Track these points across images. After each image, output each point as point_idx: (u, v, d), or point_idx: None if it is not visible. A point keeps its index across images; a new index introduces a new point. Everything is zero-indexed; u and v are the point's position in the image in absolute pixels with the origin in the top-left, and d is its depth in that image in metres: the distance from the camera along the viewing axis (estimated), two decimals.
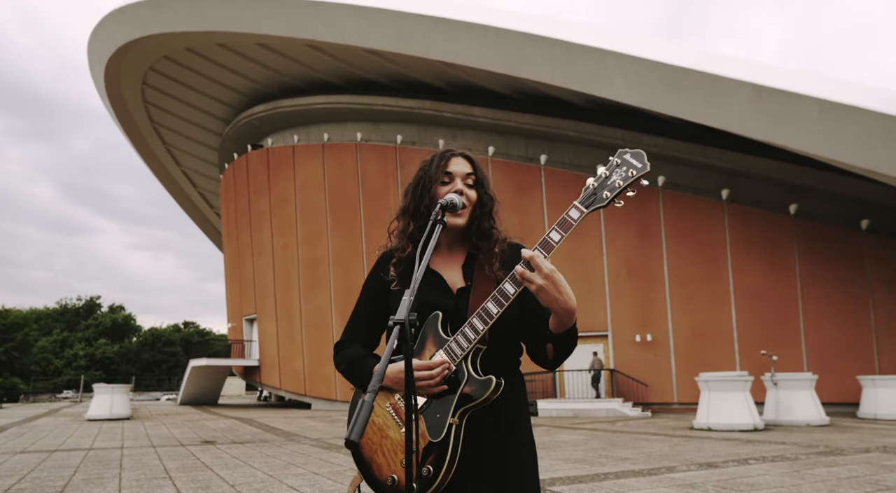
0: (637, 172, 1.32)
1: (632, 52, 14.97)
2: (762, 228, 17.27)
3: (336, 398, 23.60)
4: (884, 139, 12.86)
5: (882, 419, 12.90)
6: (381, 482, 1.34)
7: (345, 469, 6.87)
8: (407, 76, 21.69)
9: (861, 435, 9.60)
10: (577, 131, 19.72)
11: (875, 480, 5.45)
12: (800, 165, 16.51)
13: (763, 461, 6.84)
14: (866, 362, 15.92)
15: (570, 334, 1.36)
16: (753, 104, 14.10)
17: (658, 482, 5.50)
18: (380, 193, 22.82)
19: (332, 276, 24.11)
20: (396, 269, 1.51)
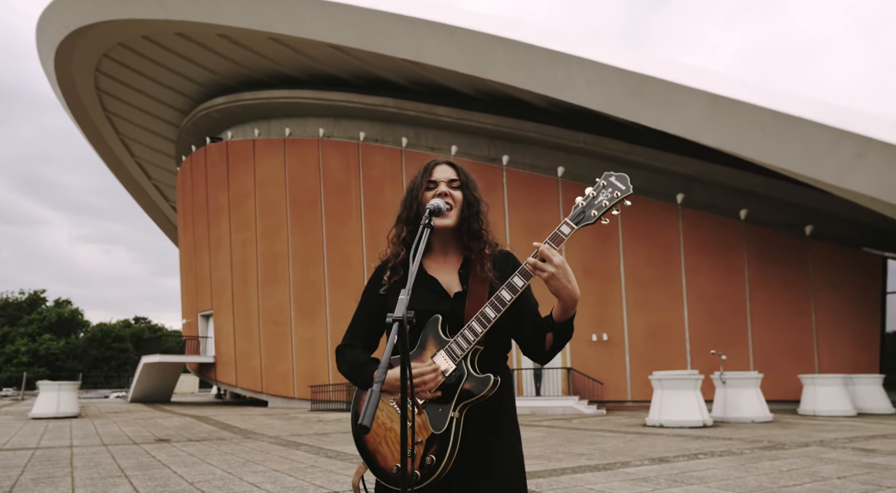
0: (621, 193, 1.47)
1: (595, 58, 15.29)
2: (714, 232, 17.88)
3: (293, 396, 23.37)
4: (827, 150, 13.50)
5: (820, 416, 13.56)
6: (386, 471, 1.46)
7: (305, 466, 6.87)
8: (370, 73, 21.62)
9: (801, 431, 10.08)
10: (539, 133, 20.01)
11: (813, 472, 5.77)
12: (750, 173, 17.15)
13: (711, 455, 7.14)
14: (807, 361, 16.69)
15: (569, 323, 1.50)
16: (708, 112, 14.60)
17: (613, 476, 5.69)
18: (341, 190, 22.70)
19: (292, 272, 23.86)
20: (393, 274, 1.62)
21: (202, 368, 28.88)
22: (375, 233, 21.73)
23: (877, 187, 13.32)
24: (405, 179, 21.46)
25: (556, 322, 1.51)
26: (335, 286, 22.58)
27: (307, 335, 23.12)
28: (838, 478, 5.43)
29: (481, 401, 1.45)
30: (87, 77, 26.33)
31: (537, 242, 1.44)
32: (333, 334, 22.34)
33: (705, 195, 18.43)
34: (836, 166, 13.56)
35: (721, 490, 4.89)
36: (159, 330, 67.54)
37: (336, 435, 10.89)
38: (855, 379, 14.94)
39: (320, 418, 16.49)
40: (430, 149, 21.43)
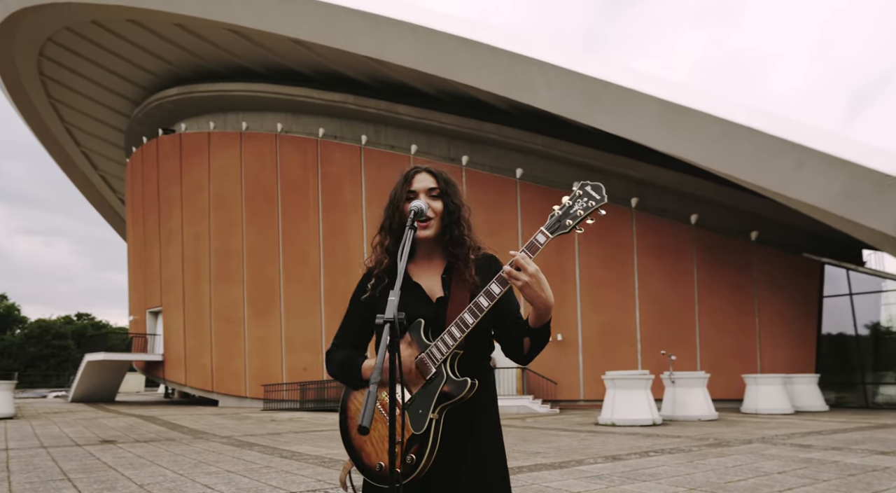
0: (596, 203, 1.52)
1: (555, 62, 15.53)
2: (666, 235, 18.40)
3: (245, 395, 22.94)
4: (770, 158, 14.08)
5: (762, 414, 14.14)
6: (370, 468, 1.51)
7: (260, 467, 6.78)
8: (331, 69, 21.40)
9: (744, 428, 10.50)
10: (498, 135, 20.19)
11: (756, 467, 6.03)
12: (701, 179, 17.72)
13: (661, 453, 7.37)
14: (750, 362, 17.36)
15: (545, 328, 1.56)
16: (661, 119, 15.01)
17: (569, 474, 5.82)
18: (299, 186, 22.40)
19: (246, 268, 23.41)
20: (378, 283, 1.65)
21: (149, 366, 28.04)
22: (333, 231, 21.53)
23: (816, 196, 13.96)
24: (364, 177, 21.33)
25: (531, 328, 1.56)
26: (291, 284, 22.28)
27: (261, 334, 22.74)
28: (779, 473, 5.69)
29: (460, 403, 1.49)
30: (29, 61, 25.20)
31: (514, 250, 1.48)
32: (288, 333, 22.04)
33: (658, 200, 18.94)
34: (778, 174, 14.15)
35: (672, 486, 5.06)
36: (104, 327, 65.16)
37: (290, 435, 10.76)
38: (793, 379, 15.63)
39: (273, 417, 16.25)
40: (389, 147, 21.36)
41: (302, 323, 21.64)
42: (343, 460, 7.21)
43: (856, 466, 6.11)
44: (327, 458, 7.45)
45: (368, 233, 20.91)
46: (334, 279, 21.21)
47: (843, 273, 17.72)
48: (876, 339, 18.68)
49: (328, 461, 7.13)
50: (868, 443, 8.08)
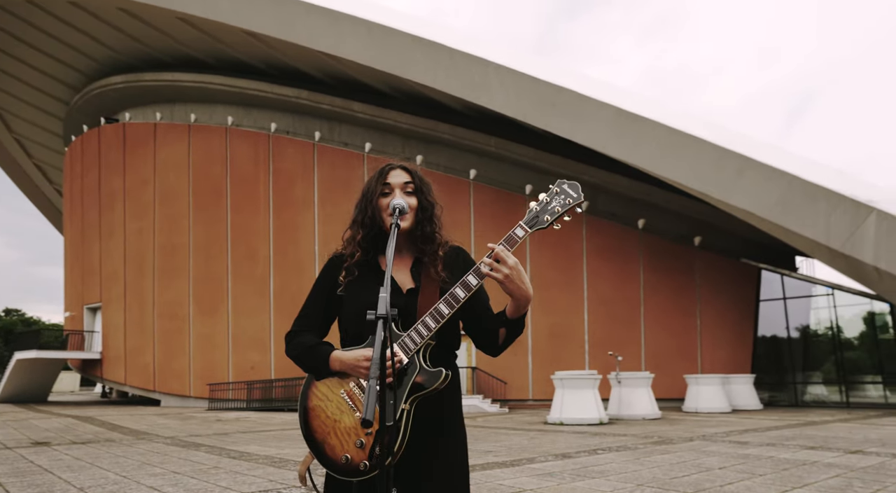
0: (573, 200, 1.56)
1: (512, 66, 15.71)
2: (615, 239, 18.88)
3: (189, 394, 22.30)
4: (713, 167, 14.66)
5: (702, 412, 14.70)
6: (335, 461, 1.49)
7: (208, 468, 6.62)
8: (285, 63, 21.04)
9: (686, 426, 10.90)
10: (453, 136, 20.28)
11: (698, 464, 6.28)
12: (649, 184, 18.27)
13: (609, 451, 7.58)
14: (691, 362, 18.02)
15: (522, 320, 1.60)
16: (614, 126, 15.41)
17: (521, 472, 5.92)
18: (249, 181, 21.92)
19: (192, 264, 22.75)
20: (348, 275, 1.64)
21: (86, 364, 26.90)
22: (284, 228, 21.17)
23: (754, 204, 14.61)
24: (317, 174, 21.07)
25: (508, 319, 1.60)
26: (239, 281, 21.78)
27: (206, 331, 22.14)
28: (719, 468, 5.94)
29: (431, 394, 1.50)
30: None
31: (492, 243, 1.50)
32: (235, 331, 21.54)
33: (608, 204, 19.42)
34: (721, 183, 14.74)
35: (621, 483, 5.22)
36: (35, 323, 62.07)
37: (237, 435, 10.54)
38: (731, 379, 16.31)
39: (219, 417, 15.87)
40: (343, 144, 21.17)
41: (250, 321, 21.20)
42: (294, 459, 7.12)
43: (789, 461, 6.45)
44: (277, 458, 7.34)
45: (321, 230, 20.65)
46: (285, 277, 20.87)
47: (778, 278, 18.60)
48: (805, 341, 19.69)
49: (278, 461, 7.03)
50: (798, 439, 8.52)
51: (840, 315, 18.72)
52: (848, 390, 18.37)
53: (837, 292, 18.30)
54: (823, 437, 8.87)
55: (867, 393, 18.71)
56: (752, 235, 17.64)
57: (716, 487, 4.99)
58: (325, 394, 1.55)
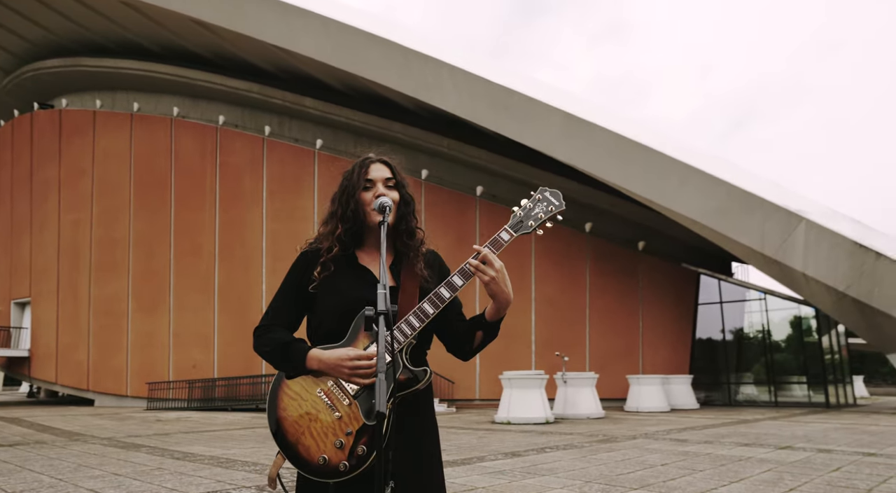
0: (555, 208, 1.61)
1: (466, 68, 15.83)
2: (562, 242, 19.28)
3: (126, 394, 21.46)
4: (660, 175, 15.18)
5: (643, 412, 15.20)
6: (310, 462, 1.44)
7: (150, 469, 6.42)
8: (235, 55, 20.55)
9: (629, 425, 11.26)
10: (405, 135, 20.27)
11: (642, 461, 6.51)
12: (596, 189, 18.75)
13: (556, 449, 7.76)
14: (633, 363, 18.59)
15: (499, 323, 1.60)
16: (564, 130, 15.75)
17: (472, 470, 6.00)
18: (195, 174, 21.28)
19: (132, 259, 21.92)
20: (324, 270, 1.59)
21: (12, 362, 25.51)
22: (231, 223, 20.66)
23: (696, 211, 15.22)
24: (266, 169, 20.66)
25: (488, 322, 1.60)
26: (182, 277, 21.12)
27: (146, 328, 21.37)
28: (662, 465, 6.18)
29: (411, 393, 1.51)
30: None
31: (477, 246, 1.52)
32: (177, 328, 20.87)
33: None
34: (665, 190, 15.28)
35: (569, 480, 5.36)
36: None
37: (179, 436, 10.24)
38: (670, 379, 16.92)
39: (159, 417, 15.36)
40: (294, 140, 20.84)
41: (193, 318, 20.58)
42: (241, 460, 6.98)
43: (725, 457, 6.76)
44: (224, 458, 7.19)
45: (269, 227, 20.26)
46: (230, 273, 20.36)
47: (716, 283, 19.42)
48: (739, 343, 20.64)
49: (224, 462, 6.88)
50: (733, 437, 8.95)
51: (771, 319, 19.71)
52: (776, 389, 19.34)
53: (769, 297, 19.25)
54: (756, 434, 9.34)
55: (793, 393, 19.76)
56: (692, 240, 18.34)
57: (659, 483, 5.20)
58: (299, 393, 1.50)
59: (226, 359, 19.85)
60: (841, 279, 14.74)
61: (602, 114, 16.26)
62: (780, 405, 18.22)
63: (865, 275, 14.61)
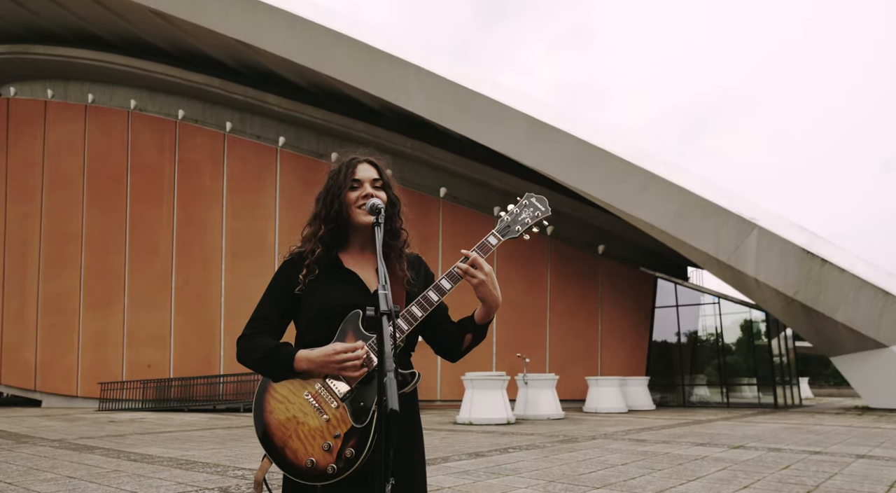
0: (541, 214, 1.66)
1: (433, 69, 15.87)
2: (524, 245, 19.37)
3: (76, 394, 20.73)
4: (621, 180, 15.52)
5: (601, 412, 15.50)
6: (297, 466, 1.43)
7: (107, 471, 6.24)
8: (195, 48, 20.11)
9: (588, 426, 11.47)
10: (369, 134, 20.19)
11: (602, 460, 6.66)
12: (558, 193, 19.02)
13: (519, 449, 7.86)
14: (592, 365, 18.94)
15: (487, 325, 1.64)
16: (529, 135, 15.94)
17: (437, 471, 6.03)
18: (153, 169, 20.72)
19: (85, 255, 21.20)
20: (309, 273, 1.58)
21: None
22: (190, 220, 20.20)
23: (655, 217, 15.62)
24: (227, 165, 20.29)
25: (477, 325, 1.64)
26: (137, 275, 20.53)
27: (99, 327, 20.70)
28: (622, 465, 6.34)
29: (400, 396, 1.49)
30: None
31: (465, 249, 1.55)
32: (131, 327, 20.29)
33: None
34: (626, 195, 15.64)
35: (533, 479, 5.45)
36: None
37: (135, 437, 9.96)
38: (628, 381, 17.30)
39: (112, 418, 14.91)
40: (255, 137, 20.52)
41: (148, 316, 20.04)
42: (202, 461, 6.85)
43: (682, 456, 6.97)
44: (183, 460, 7.04)
45: (229, 225, 19.89)
46: (188, 271, 19.90)
47: (672, 287, 19.95)
48: (693, 346, 21.25)
49: (184, 463, 6.74)
50: (689, 437, 9.22)
51: (723, 323, 20.37)
52: (728, 391, 20.00)
53: (722, 301, 19.89)
54: (710, 434, 9.64)
55: (744, 394, 20.46)
56: (650, 245, 18.80)
57: (620, 482, 5.33)
58: (286, 396, 1.48)
59: (182, 359, 19.40)
60: (790, 285, 15.34)
61: (565, 119, 16.53)
62: (732, 406, 18.84)
63: (812, 281, 15.25)
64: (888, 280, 15.70)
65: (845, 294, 15.16)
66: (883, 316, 15.13)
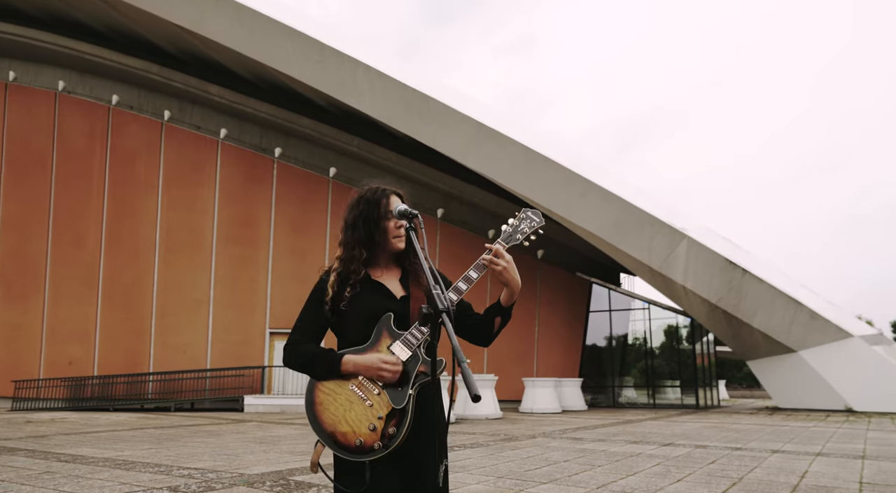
0: (536, 224, 1.94)
1: (383, 69, 15.88)
2: (466, 247, 19.77)
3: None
4: (562, 187, 16.03)
5: (537, 413, 15.93)
6: (348, 446, 1.67)
7: (37, 473, 5.97)
8: (134, 31, 19.29)
9: (527, 425, 11.80)
10: (315, 131, 19.96)
11: (545, 458, 6.92)
12: (500, 198, 19.42)
13: (464, 447, 8.04)
14: (528, 366, 19.42)
15: (512, 307, 1.89)
16: (475, 139, 16.21)
17: None
18: (82, 156, 19.69)
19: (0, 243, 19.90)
20: (353, 290, 1.81)
21: None
22: (121, 212, 19.30)
23: (594, 224, 16.21)
24: (164, 155, 19.57)
25: (503, 307, 1.88)
26: (60, 267, 19.44)
27: (14, 320, 19.46)
28: (564, 461, 6.61)
29: (430, 381, 1.73)
30: None
31: (489, 243, 1.82)
32: (51, 321, 19.19)
33: (460, 213, 20.31)
34: (566, 202, 16.16)
35: (483, 476, 5.62)
36: None
37: (59, 438, 9.50)
38: (562, 382, 17.85)
39: (29, 418, 14.10)
40: (195, 127, 19.88)
41: (71, 311, 19.02)
42: (142, 461, 6.66)
43: (618, 453, 7.34)
44: (120, 460, 6.81)
45: (164, 216, 19.19)
46: (118, 265, 19.03)
47: (606, 292, 20.72)
48: (623, 349, 22.14)
49: (122, 463, 6.53)
50: (623, 435, 9.67)
51: (652, 327, 21.33)
52: (654, 392, 20.95)
53: (652, 307, 20.82)
54: (641, 433, 10.14)
55: (668, 395, 21.50)
56: (586, 251, 19.48)
57: (565, 477, 5.58)
58: (332, 389, 1.73)
59: (108, 355, 18.53)
60: (714, 292, 16.27)
61: (511, 125, 16.91)
62: (658, 407, 19.75)
63: (734, 289, 16.24)
64: (799, 290, 16.94)
65: (762, 302, 16.23)
66: (793, 323, 16.30)
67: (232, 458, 6.87)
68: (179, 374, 17.81)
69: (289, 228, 19.58)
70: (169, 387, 17.83)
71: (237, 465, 6.29)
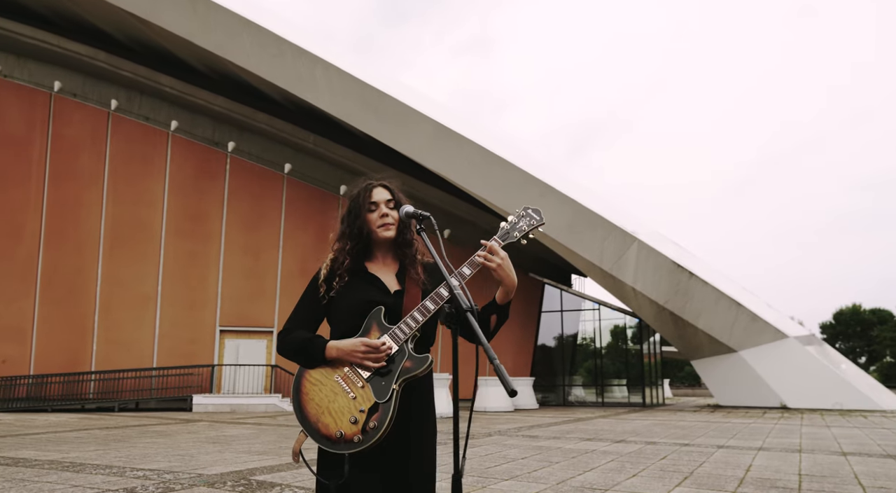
0: (536, 222, 1.92)
1: (342, 66, 15.75)
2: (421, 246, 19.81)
3: None
4: (519, 189, 16.26)
5: (490, 411, 16.12)
6: (329, 437, 1.66)
7: None
8: (77, 16, 18.52)
9: (481, 424, 11.94)
10: (270, 126, 19.63)
11: (504, 455, 7.05)
12: (457, 198, 19.55)
13: None
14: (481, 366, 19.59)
15: (509, 305, 1.86)
16: (434, 139, 16.28)
17: None
18: (20, 144, 18.74)
19: None
20: (340, 281, 1.82)
21: None
22: (63, 203, 18.46)
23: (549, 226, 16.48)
24: (110, 146, 18.85)
25: (500, 305, 1.85)
26: None
27: None
28: (522, 459, 6.75)
29: (415, 378, 1.73)
30: None
31: (485, 240, 1.80)
32: None
33: None
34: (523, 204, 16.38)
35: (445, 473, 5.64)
36: None
37: None
38: (515, 381, 18.11)
39: None
40: (144, 118, 19.23)
41: (6, 307, 18.06)
42: (91, 463, 6.43)
43: (574, 450, 7.53)
44: (66, 462, 6.56)
45: (109, 210, 18.48)
46: (58, 259, 18.20)
47: (558, 293, 21.14)
48: (573, 349, 22.64)
49: (70, 466, 6.29)
50: (576, 433, 9.91)
51: (601, 328, 21.88)
52: (602, 391, 21.50)
53: (602, 308, 21.35)
54: (593, 430, 10.42)
55: (615, 394, 22.10)
56: (539, 252, 19.81)
57: (525, 473, 5.70)
58: (319, 379, 1.72)
59: (46, 354, 17.72)
60: (662, 294, 16.82)
61: (469, 126, 17.04)
62: (606, 405, 20.28)
63: (680, 292, 16.84)
64: (741, 293, 17.71)
65: (707, 304, 16.89)
66: (735, 325, 17.02)
67: (187, 458, 6.71)
68: (123, 373, 17.20)
69: (241, 225, 19.18)
70: (112, 386, 17.19)
71: (194, 465, 6.16)
